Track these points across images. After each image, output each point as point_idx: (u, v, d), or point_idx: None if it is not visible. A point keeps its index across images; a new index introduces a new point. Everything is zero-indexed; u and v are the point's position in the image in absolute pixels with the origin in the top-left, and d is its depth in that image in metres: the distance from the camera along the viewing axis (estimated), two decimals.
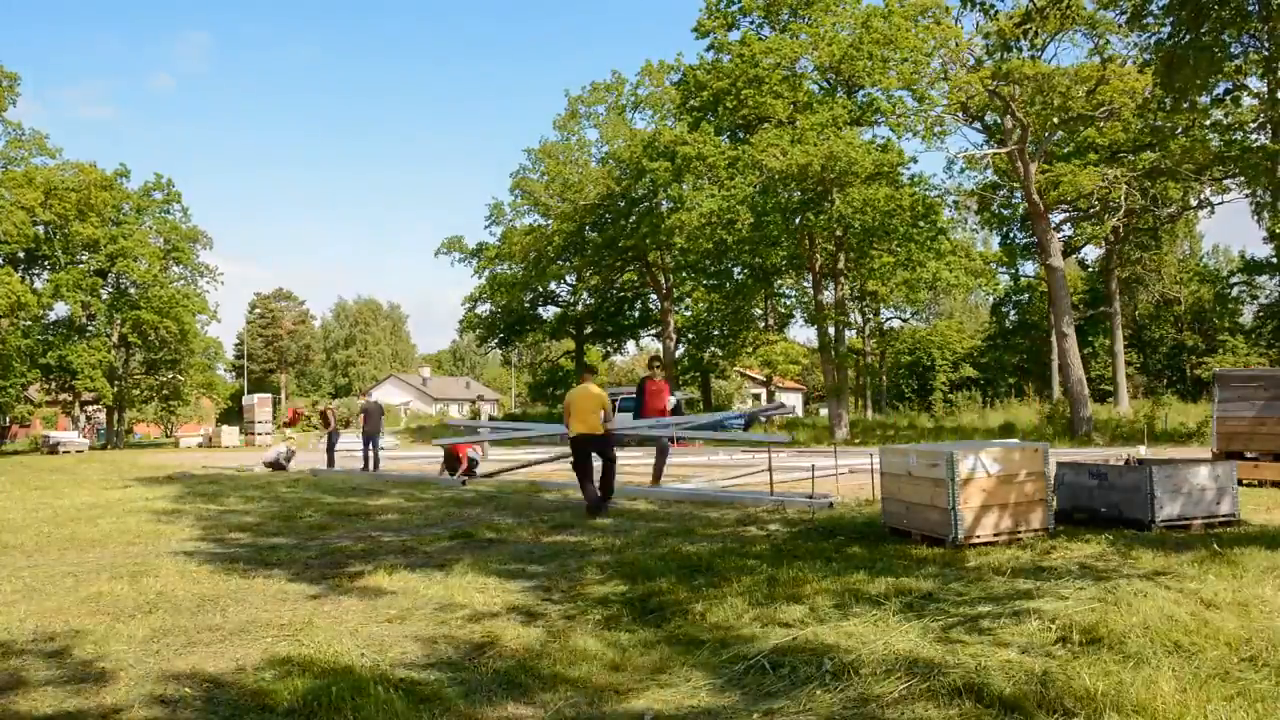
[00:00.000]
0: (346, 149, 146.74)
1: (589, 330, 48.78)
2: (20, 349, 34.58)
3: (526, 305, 47.35)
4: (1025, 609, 5.01)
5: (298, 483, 16.04)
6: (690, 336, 44.49)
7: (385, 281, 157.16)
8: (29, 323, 35.53)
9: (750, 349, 37.80)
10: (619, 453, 11.63)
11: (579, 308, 48.25)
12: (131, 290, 38.21)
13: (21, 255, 36.33)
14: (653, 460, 13.63)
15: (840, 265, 31.22)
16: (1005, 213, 36.80)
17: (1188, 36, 8.66)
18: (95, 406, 41.51)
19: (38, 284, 36.89)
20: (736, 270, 35.64)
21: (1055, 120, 25.72)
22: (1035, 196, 25.44)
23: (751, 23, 33.96)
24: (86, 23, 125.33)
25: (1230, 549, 6.57)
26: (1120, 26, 21.50)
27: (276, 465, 20.04)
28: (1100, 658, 4.07)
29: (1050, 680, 3.77)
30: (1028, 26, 9.37)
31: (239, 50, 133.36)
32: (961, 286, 31.40)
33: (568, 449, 11.65)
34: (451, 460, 15.88)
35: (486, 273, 46.98)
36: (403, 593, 6.12)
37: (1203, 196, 30.98)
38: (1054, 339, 29.19)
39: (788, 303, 42.56)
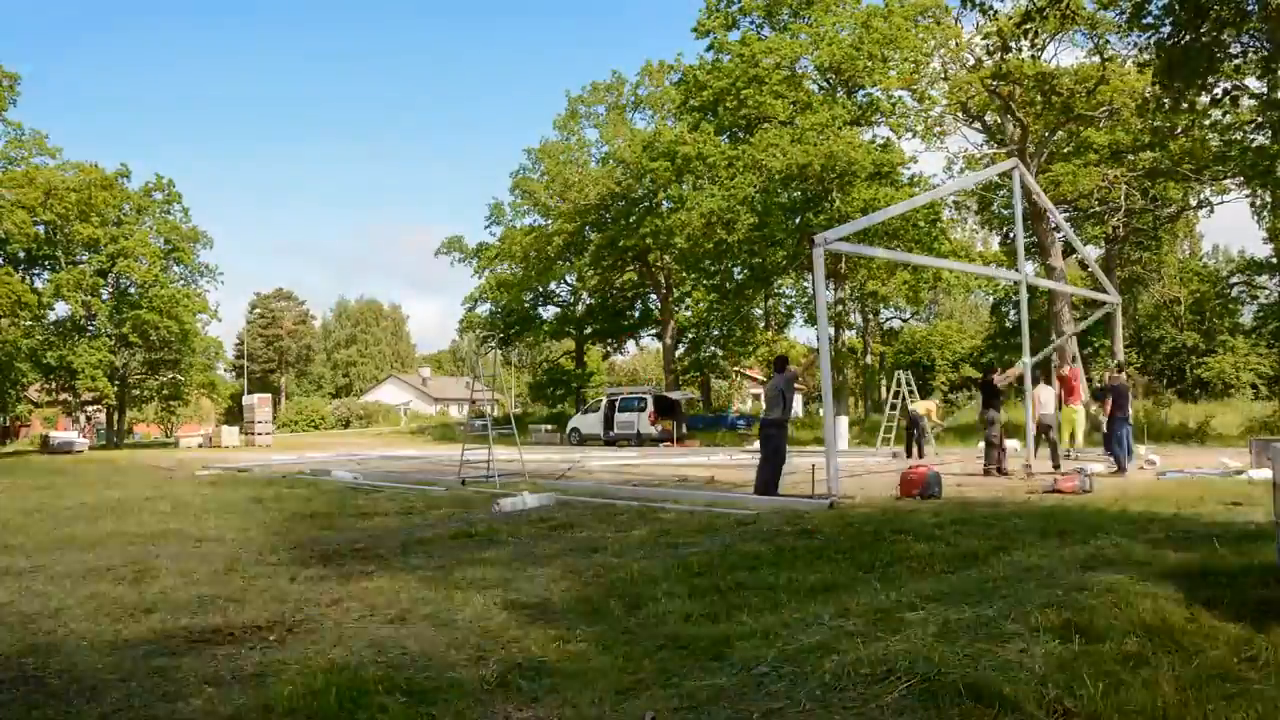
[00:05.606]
0: (347, 149, 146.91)
1: (589, 330, 48.77)
2: (21, 349, 34.59)
3: (526, 305, 47.36)
4: (1028, 607, 5.01)
5: (295, 484, 16.05)
6: (690, 336, 44.48)
7: (386, 281, 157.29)
8: (30, 323, 35.53)
9: (750, 349, 37.83)
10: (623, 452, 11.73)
11: (579, 308, 48.24)
12: (132, 290, 38.22)
13: (22, 255, 36.34)
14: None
15: (841, 266, 31.23)
16: (1005, 213, 36.80)
17: (1187, 36, 8.66)
18: (95, 406, 41.52)
19: (38, 284, 36.91)
20: (736, 270, 35.63)
21: (1055, 120, 25.73)
22: (1035, 196, 25.44)
23: (751, 23, 33.97)
24: (86, 18, 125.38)
25: (1231, 548, 6.56)
26: (1120, 26, 21.51)
27: None
28: (1100, 657, 4.07)
29: (1050, 680, 3.77)
30: (1028, 26, 9.37)
31: (239, 50, 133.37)
32: (962, 286, 31.39)
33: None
34: None
35: (487, 273, 47.02)
36: (404, 592, 6.11)
37: (1203, 196, 30.98)
38: (1054, 339, 29.17)
39: (788, 303, 42.59)
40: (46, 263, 37.61)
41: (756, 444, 13.98)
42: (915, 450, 18.79)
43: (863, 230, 29.04)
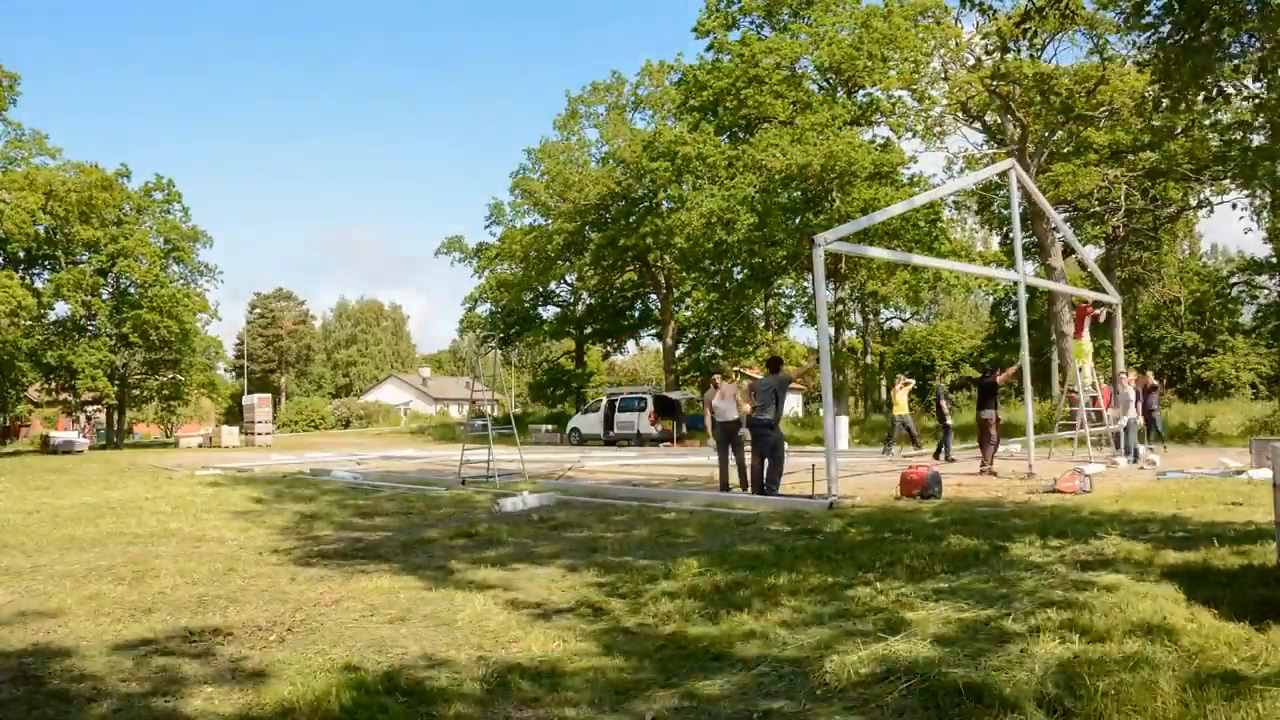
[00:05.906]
0: (348, 149, 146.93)
1: (589, 330, 48.77)
2: (21, 349, 34.59)
3: (526, 305, 47.35)
4: (1028, 607, 5.01)
5: (296, 484, 16.05)
6: (690, 336, 44.46)
7: (386, 280, 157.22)
8: (30, 323, 35.52)
9: (750, 349, 37.83)
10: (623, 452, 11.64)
11: (579, 308, 48.23)
12: (132, 290, 38.22)
13: (22, 255, 36.34)
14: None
15: (841, 266, 31.23)
16: (1005, 213, 36.80)
17: (1185, 36, 8.65)
18: (95, 406, 41.55)
19: (38, 284, 36.92)
20: (736, 270, 35.62)
21: (1055, 120, 25.74)
22: (1033, 196, 25.49)
23: (751, 23, 33.98)
24: (89, 19, 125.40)
25: (1231, 548, 6.56)
26: (1120, 26, 21.53)
27: None
28: (1100, 657, 4.07)
29: (1050, 680, 3.77)
30: (1027, 26, 9.36)
31: (240, 50, 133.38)
32: (962, 286, 31.40)
33: None
34: None
35: (487, 273, 47.00)
36: (404, 593, 6.11)
37: (1203, 196, 30.98)
38: (1054, 339, 29.19)
39: (788, 303, 42.58)
40: (46, 263, 37.62)
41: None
42: (943, 450, 18.62)
43: (863, 230, 29.05)
